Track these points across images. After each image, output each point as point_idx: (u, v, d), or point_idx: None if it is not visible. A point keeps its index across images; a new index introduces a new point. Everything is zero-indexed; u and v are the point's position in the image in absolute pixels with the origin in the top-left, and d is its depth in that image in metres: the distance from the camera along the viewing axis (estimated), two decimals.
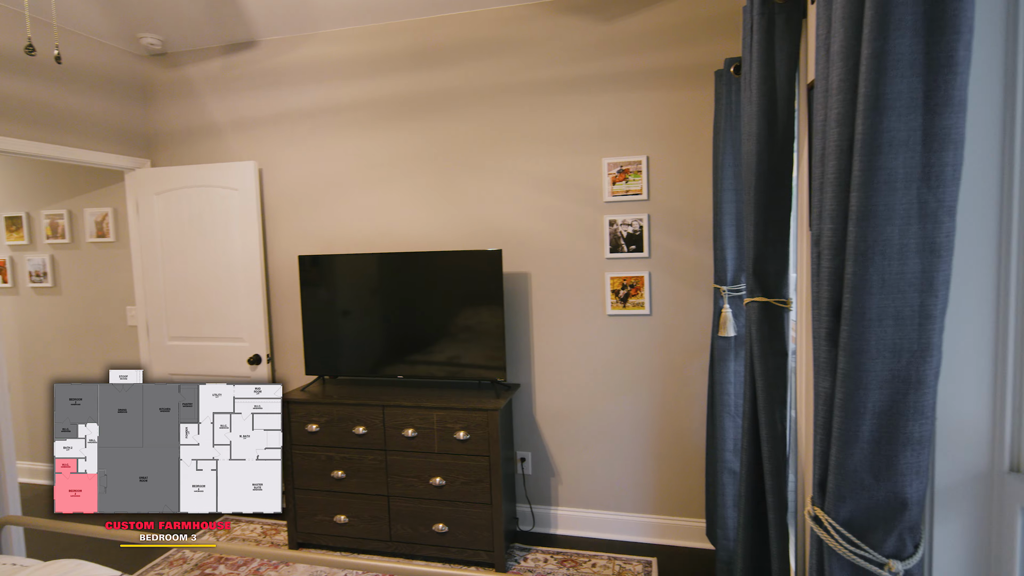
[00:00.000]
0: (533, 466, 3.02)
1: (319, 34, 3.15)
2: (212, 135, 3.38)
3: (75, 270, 3.68)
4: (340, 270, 3.02)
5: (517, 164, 2.92)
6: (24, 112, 2.78)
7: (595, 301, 2.87)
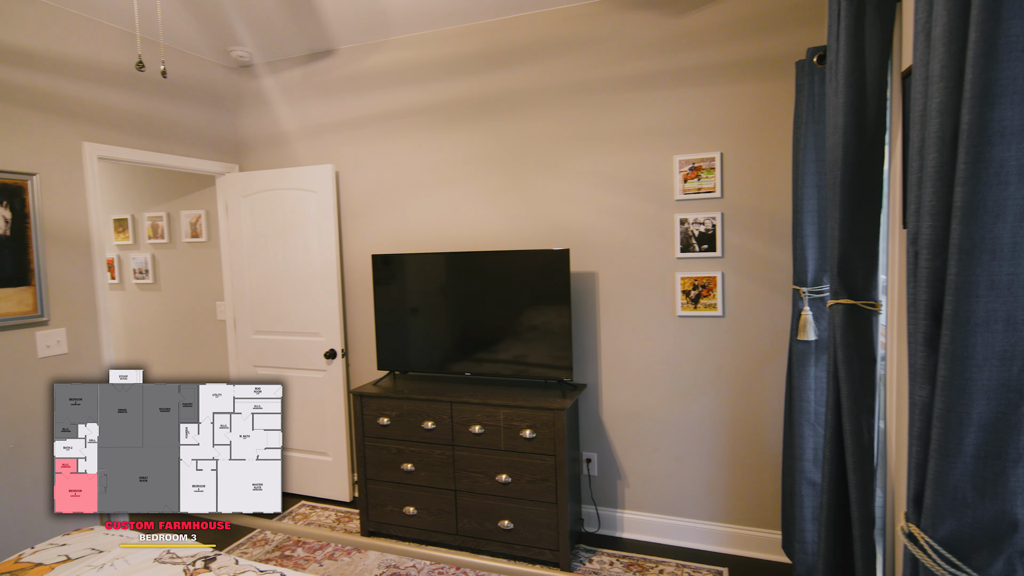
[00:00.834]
0: (599, 467, 2.99)
1: (392, 40, 3.25)
2: (293, 140, 3.56)
3: (172, 268, 3.98)
4: (410, 269, 3.11)
5: (585, 163, 2.91)
6: (132, 124, 3.04)
7: (664, 301, 2.81)
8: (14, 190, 2.50)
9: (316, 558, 2.77)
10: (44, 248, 2.62)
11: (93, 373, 2.83)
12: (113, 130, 2.95)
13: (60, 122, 2.71)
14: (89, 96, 2.83)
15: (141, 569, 1.74)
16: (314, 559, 2.76)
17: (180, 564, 1.77)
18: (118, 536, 1.99)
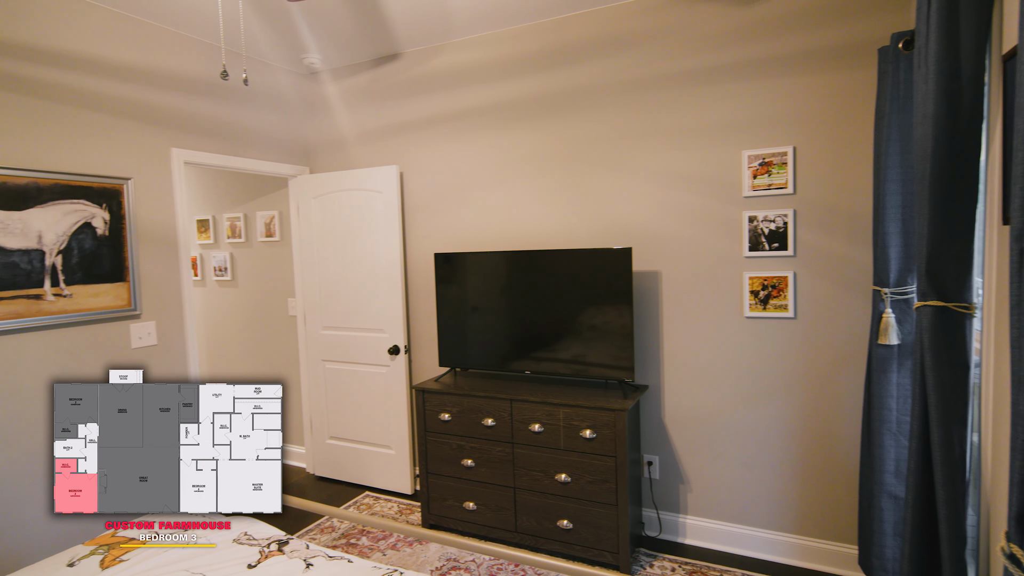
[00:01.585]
0: (661, 471, 2.93)
1: (454, 42, 3.30)
2: (359, 142, 3.69)
3: (248, 266, 4.21)
4: (471, 267, 3.15)
5: (648, 160, 2.85)
6: (214, 130, 3.23)
7: (731, 302, 2.71)
8: (112, 193, 2.71)
9: (380, 548, 2.86)
10: (137, 247, 2.82)
11: (179, 364, 3.03)
12: (197, 136, 3.14)
13: (151, 130, 2.91)
14: (176, 105, 3.03)
15: (222, 548, 1.85)
16: (378, 548, 2.85)
17: (257, 545, 1.87)
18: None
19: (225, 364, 4.42)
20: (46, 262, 2.48)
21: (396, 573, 1.69)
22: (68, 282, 2.55)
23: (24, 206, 2.40)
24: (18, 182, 2.38)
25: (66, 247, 2.54)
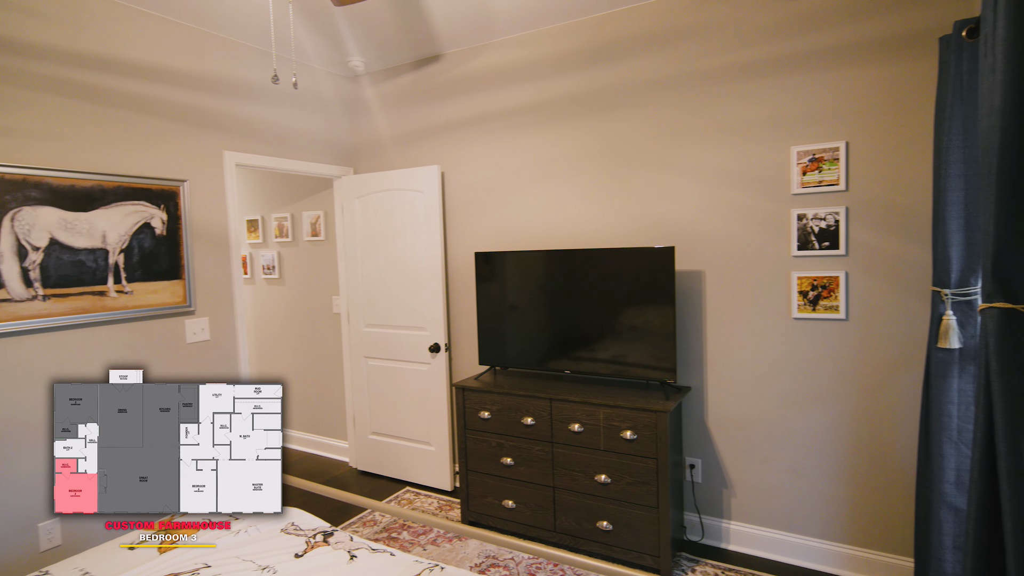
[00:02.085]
0: (703, 474, 2.87)
1: (495, 42, 3.31)
2: (403, 143, 3.74)
3: (295, 264, 4.33)
4: (511, 266, 3.16)
5: (692, 158, 2.79)
6: (263, 132, 3.34)
7: (778, 302, 2.63)
8: (169, 195, 2.84)
9: (420, 542, 2.90)
10: (192, 246, 2.95)
11: (230, 359, 3.14)
12: (247, 139, 3.25)
13: (205, 133, 3.03)
14: (228, 109, 3.15)
15: (270, 537, 1.91)
16: (418, 543, 2.89)
17: (303, 536, 1.92)
18: None
19: (272, 360, 4.57)
20: (109, 260, 2.61)
21: (437, 568, 1.72)
22: (129, 279, 2.68)
23: (90, 207, 2.54)
24: (85, 184, 2.52)
25: (127, 246, 2.67)
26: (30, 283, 2.35)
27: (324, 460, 4.25)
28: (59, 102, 2.46)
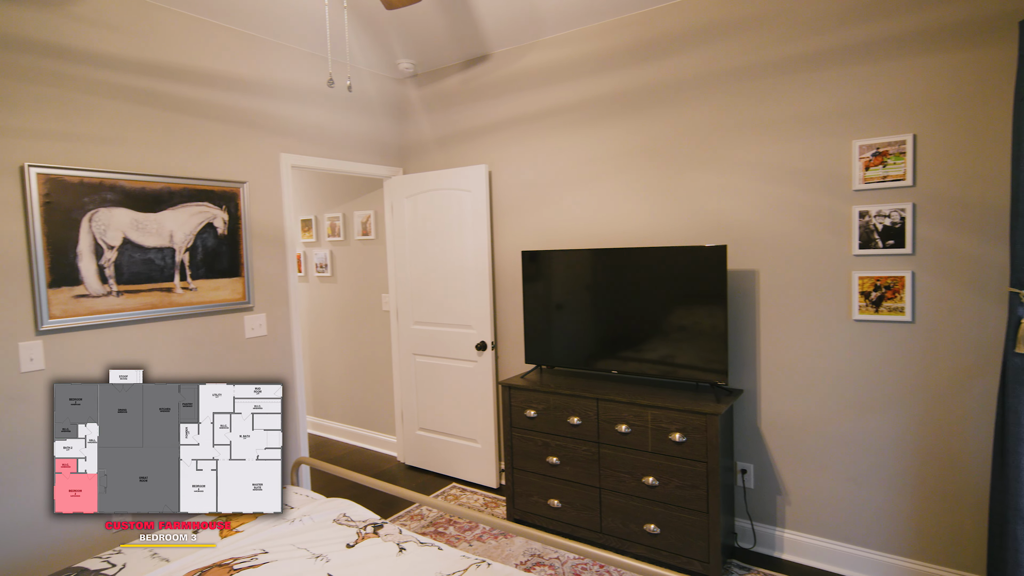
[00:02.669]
0: (755, 480, 2.78)
1: (543, 40, 3.31)
2: (451, 143, 3.79)
3: (346, 263, 4.45)
4: (557, 265, 3.14)
5: (745, 153, 2.71)
6: (317, 135, 3.45)
7: (838, 303, 2.53)
8: (230, 196, 2.97)
9: (466, 538, 2.93)
10: (251, 245, 3.07)
11: (285, 354, 3.26)
12: (302, 141, 3.37)
13: (263, 136, 3.15)
14: (284, 112, 3.26)
15: (324, 526, 1.98)
16: (464, 539, 2.92)
17: (354, 527, 1.97)
18: (305, 495, 2.27)
19: (323, 355, 4.71)
20: (176, 259, 2.75)
21: (484, 564, 1.73)
22: (193, 277, 2.82)
23: (158, 208, 2.68)
24: (154, 187, 2.66)
25: (192, 245, 2.81)
26: (105, 280, 2.51)
27: (372, 454, 4.35)
28: (130, 109, 2.61)
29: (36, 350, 2.33)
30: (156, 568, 1.72)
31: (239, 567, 1.70)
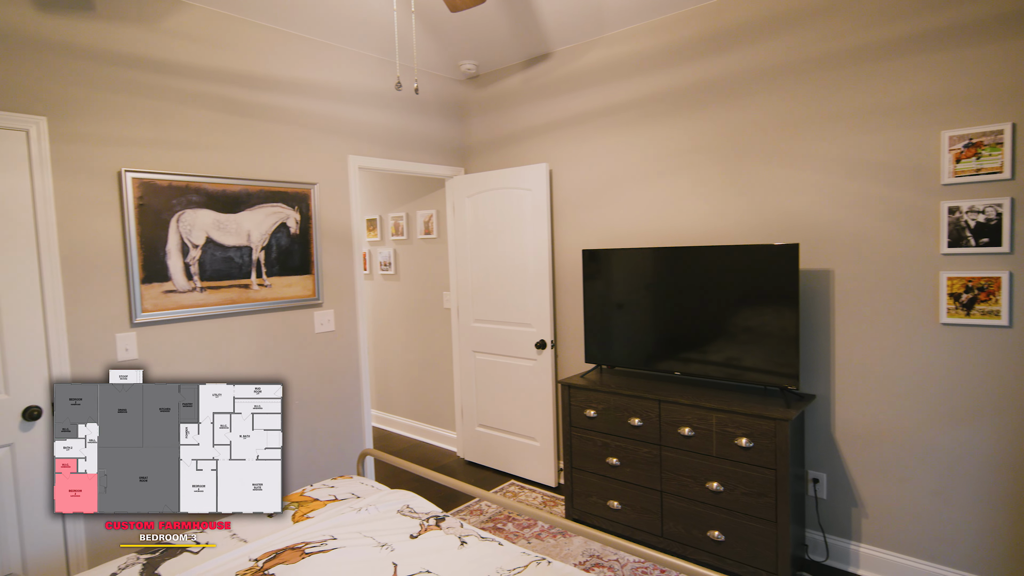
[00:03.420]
0: (829, 490, 2.65)
1: (605, 37, 3.27)
2: (512, 142, 3.81)
3: (409, 261, 4.57)
4: (618, 264, 3.10)
5: (818, 147, 2.58)
6: (382, 137, 3.55)
7: (923, 306, 2.36)
8: (302, 197, 3.10)
9: (524, 535, 2.95)
10: (320, 244, 3.20)
11: (351, 350, 3.38)
12: (368, 143, 3.48)
13: (332, 139, 3.28)
14: (352, 116, 3.38)
15: (388, 517, 2.04)
16: (522, 536, 2.94)
17: (417, 519, 2.02)
18: (371, 486, 2.35)
19: (386, 351, 4.85)
20: (253, 257, 2.91)
21: (544, 562, 1.73)
22: (268, 274, 2.97)
23: (237, 209, 2.84)
24: (234, 189, 2.82)
25: (267, 244, 2.96)
26: (190, 276, 2.68)
27: (433, 448, 4.44)
28: (213, 116, 2.77)
29: (131, 341, 2.52)
30: (235, 547, 1.83)
31: (310, 551, 1.78)
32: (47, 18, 2.29)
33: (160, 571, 1.70)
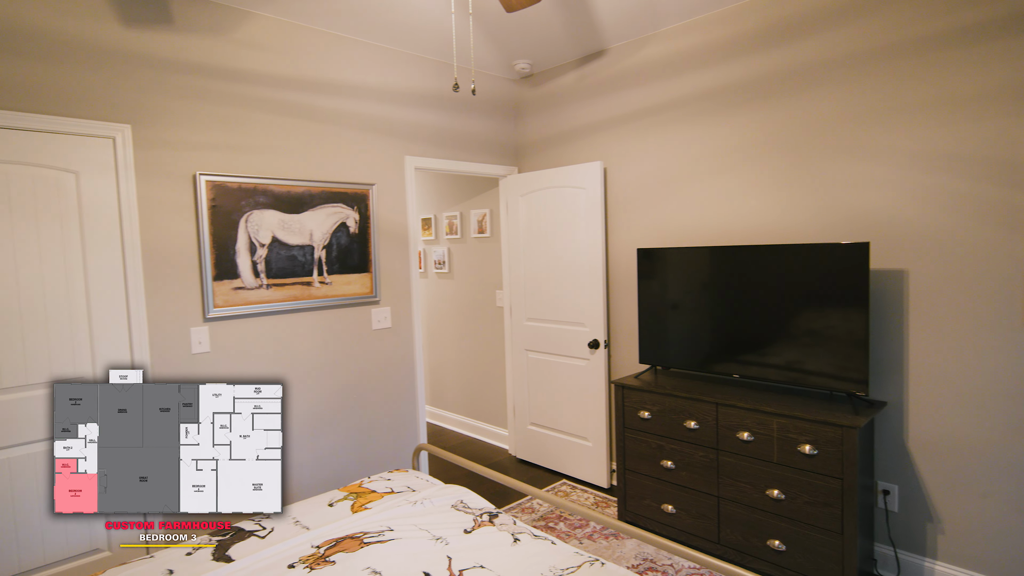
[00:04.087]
0: (900, 503, 2.51)
1: (661, 32, 3.20)
2: (565, 140, 3.80)
3: (462, 260, 4.63)
4: (675, 263, 3.04)
5: (892, 140, 2.44)
6: (437, 137, 3.61)
7: (1008, 309, 2.20)
8: (361, 198, 3.20)
9: (576, 536, 2.93)
10: (378, 243, 3.29)
11: (407, 346, 3.46)
12: (424, 144, 3.54)
13: (390, 141, 3.36)
14: (409, 117, 3.45)
15: (442, 511, 2.07)
16: (574, 536, 2.93)
17: (471, 514, 2.05)
18: (425, 480, 2.40)
19: (439, 348, 4.93)
20: (314, 255, 3.02)
21: (598, 563, 1.72)
22: (329, 272, 3.08)
23: (300, 210, 2.96)
24: (297, 190, 2.94)
25: (328, 243, 3.06)
26: (257, 274, 2.81)
27: (485, 445, 4.48)
28: (277, 120, 2.90)
29: (203, 335, 2.67)
30: (298, 534, 1.91)
31: (368, 541, 1.84)
32: (132, 32, 2.45)
33: (231, 552, 1.80)
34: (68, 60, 2.30)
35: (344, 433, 3.20)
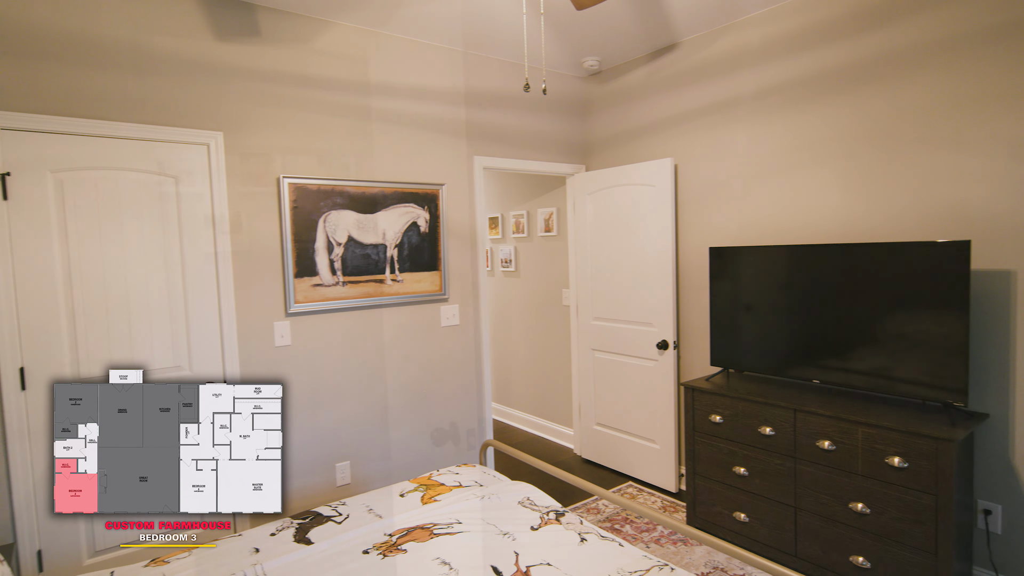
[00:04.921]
0: (1004, 525, 2.30)
1: (737, 22, 3.08)
2: (634, 137, 3.73)
3: (529, 258, 4.65)
4: (747, 262, 2.92)
5: (999, 130, 2.24)
6: (505, 137, 3.65)
7: None
8: (431, 198, 3.28)
9: (643, 539, 2.88)
10: (447, 242, 3.36)
11: (474, 344, 3.52)
12: (492, 143, 3.58)
13: (459, 141, 3.42)
14: (477, 118, 3.50)
15: (509, 507, 2.10)
16: (641, 540, 2.88)
17: (537, 511, 2.06)
18: (492, 475, 2.43)
19: (506, 346, 4.97)
20: (387, 254, 3.13)
21: (667, 568, 1.69)
22: (400, 270, 3.18)
23: (374, 210, 3.07)
24: (371, 191, 3.05)
25: (400, 242, 3.16)
26: (334, 271, 2.95)
27: (550, 443, 4.49)
28: (353, 124, 3.02)
29: (285, 329, 2.83)
30: (372, 522, 1.99)
31: (438, 532, 1.89)
32: (223, 45, 2.63)
33: (310, 535, 1.90)
34: (170, 74, 2.50)
35: (413, 426, 3.30)
